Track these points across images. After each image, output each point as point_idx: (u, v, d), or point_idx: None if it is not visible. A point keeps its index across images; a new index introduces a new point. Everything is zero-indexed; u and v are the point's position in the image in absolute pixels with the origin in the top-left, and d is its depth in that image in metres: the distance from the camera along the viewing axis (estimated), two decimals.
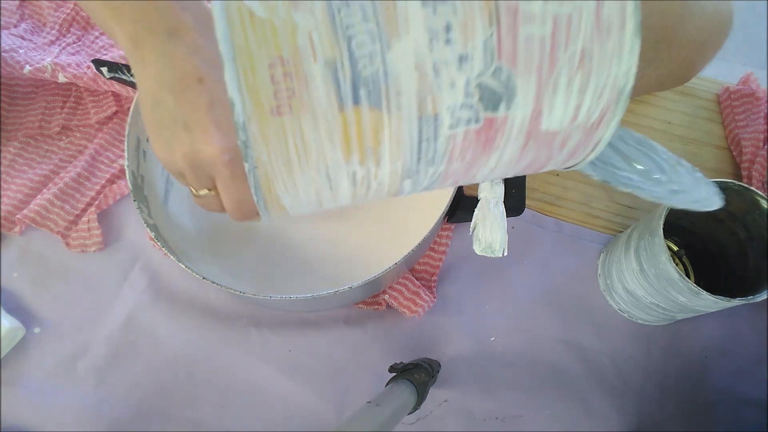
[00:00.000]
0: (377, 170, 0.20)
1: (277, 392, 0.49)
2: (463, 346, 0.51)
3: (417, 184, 0.21)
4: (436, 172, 0.20)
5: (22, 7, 0.61)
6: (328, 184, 0.20)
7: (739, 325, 0.51)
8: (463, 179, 0.22)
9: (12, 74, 0.55)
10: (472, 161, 0.20)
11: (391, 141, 0.19)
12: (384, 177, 0.20)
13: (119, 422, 0.48)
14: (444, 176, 0.21)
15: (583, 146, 0.22)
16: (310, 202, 0.21)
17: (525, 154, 0.21)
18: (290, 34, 0.16)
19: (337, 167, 0.19)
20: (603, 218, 0.56)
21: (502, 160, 0.21)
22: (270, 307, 0.51)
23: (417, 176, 0.20)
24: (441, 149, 0.19)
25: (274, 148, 0.18)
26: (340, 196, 0.21)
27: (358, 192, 0.21)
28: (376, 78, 0.17)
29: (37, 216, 0.52)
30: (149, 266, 0.53)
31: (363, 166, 0.19)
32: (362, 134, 0.18)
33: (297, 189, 0.20)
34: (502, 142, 0.20)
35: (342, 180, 0.20)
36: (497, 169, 0.22)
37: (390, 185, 0.21)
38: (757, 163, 0.55)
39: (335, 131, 0.18)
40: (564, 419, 0.49)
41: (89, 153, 0.55)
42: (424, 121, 0.18)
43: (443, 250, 0.53)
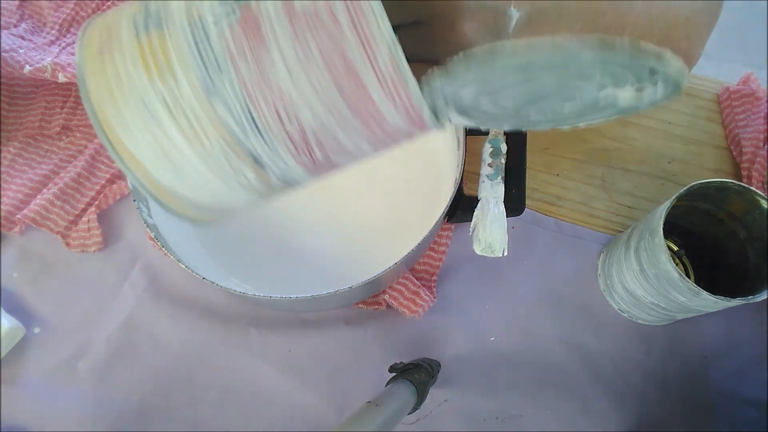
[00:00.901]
0: (178, 87, 0.22)
1: (277, 392, 0.49)
2: (463, 346, 0.51)
3: (232, 109, 0.22)
4: (233, 81, 0.21)
5: (22, 7, 0.61)
6: (148, 114, 0.23)
7: (739, 325, 0.51)
8: (282, 103, 0.22)
9: (12, 74, 0.55)
10: (256, 61, 0.21)
11: (175, 51, 0.22)
12: (189, 95, 0.22)
13: (119, 422, 0.48)
14: (247, 88, 0.22)
15: (357, 15, 0.21)
16: (151, 146, 0.23)
17: (307, 42, 0.21)
18: (116, 14, 0.24)
19: (145, 90, 0.22)
20: (603, 218, 0.56)
21: (288, 55, 0.21)
22: (270, 307, 0.51)
23: (220, 90, 0.22)
24: (217, 48, 0.21)
25: (98, 79, 0.23)
26: (171, 136, 0.23)
27: (182, 124, 0.22)
28: (158, 9, 0.23)
29: (37, 216, 0.52)
30: (149, 266, 0.53)
31: (165, 84, 0.22)
32: (153, 52, 0.22)
33: (126, 120, 0.23)
34: (269, 30, 0.21)
35: (157, 105, 0.22)
36: (301, 76, 0.21)
37: (205, 110, 0.22)
38: (757, 163, 0.55)
39: (135, 57, 0.22)
40: (564, 419, 0.49)
41: (89, 153, 0.55)
42: (193, 27, 0.22)
43: (443, 250, 0.53)
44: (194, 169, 0.24)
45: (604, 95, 0.22)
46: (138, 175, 0.24)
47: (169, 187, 0.24)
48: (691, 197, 0.45)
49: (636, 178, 0.57)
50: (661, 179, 0.57)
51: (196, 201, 0.26)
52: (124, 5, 0.25)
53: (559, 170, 0.57)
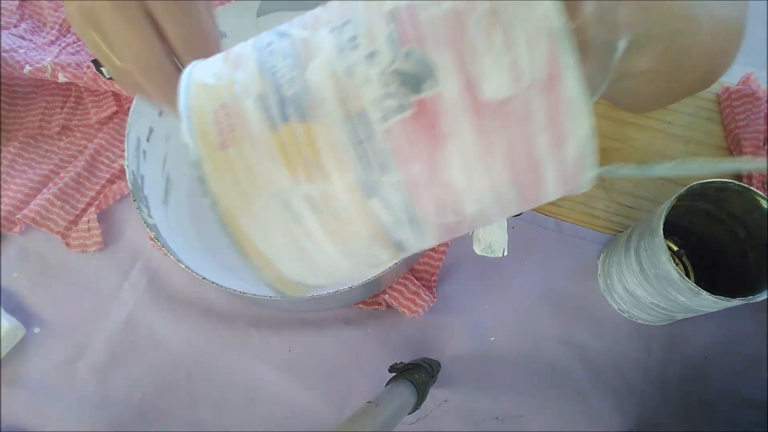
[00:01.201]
0: (329, 186, 0.19)
1: (277, 392, 0.49)
2: (463, 346, 0.51)
3: (391, 208, 0.20)
4: (398, 182, 0.19)
5: (22, 7, 0.61)
6: (289, 214, 0.20)
7: (739, 325, 0.51)
8: (450, 199, 0.20)
9: (12, 74, 0.55)
10: (429, 158, 0.19)
11: (329, 148, 0.19)
12: (342, 196, 0.19)
13: (119, 422, 0.48)
14: (412, 188, 0.19)
15: (555, 112, 0.19)
16: (287, 245, 0.21)
17: (492, 140, 0.19)
18: (229, 86, 0.20)
19: (288, 189, 0.19)
20: (603, 218, 0.56)
21: (469, 153, 0.19)
22: (270, 307, 0.51)
23: (380, 191, 0.19)
24: (382, 147, 0.19)
25: (226, 179, 0.20)
26: (315, 236, 0.21)
27: (329, 225, 0.20)
28: (298, 95, 0.19)
29: (37, 216, 0.52)
30: (149, 266, 0.53)
31: (314, 184, 0.19)
32: (298, 147, 0.19)
33: (261, 222, 0.20)
34: (448, 125, 0.18)
35: (300, 206, 0.20)
36: (478, 174, 0.19)
37: (359, 211, 0.20)
38: None
39: (273, 151, 0.19)
40: (564, 419, 0.49)
41: (89, 153, 0.55)
42: (351, 121, 0.19)
43: (443, 250, 0.53)
44: (332, 262, 0.22)
45: None
46: (266, 273, 0.22)
47: (299, 281, 0.23)
48: (691, 197, 0.45)
49: (636, 178, 0.57)
50: (661, 179, 0.57)
51: (319, 284, 0.24)
52: (228, 68, 0.21)
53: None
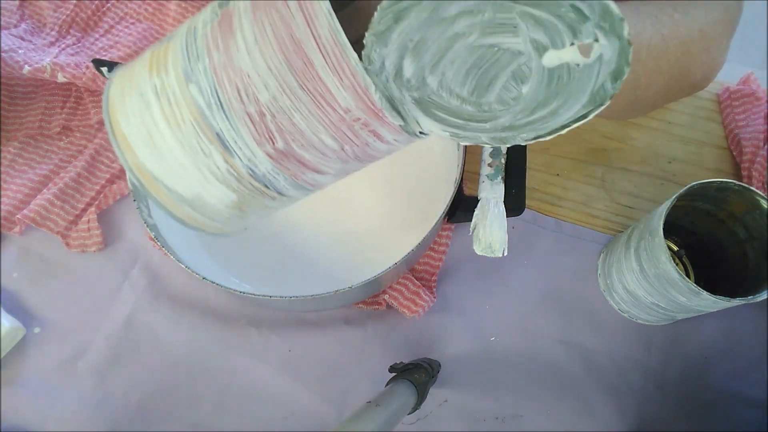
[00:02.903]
0: (167, 78, 0.26)
1: (277, 392, 0.49)
2: (463, 346, 0.51)
3: (203, 90, 0.25)
4: (206, 68, 0.25)
5: (22, 8, 0.61)
6: (142, 102, 0.26)
7: (739, 325, 0.51)
8: (243, 83, 0.25)
9: (12, 74, 0.55)
10: (225, 48, 0.25)
11: (172, 53, 0.26)
12: (173, 83, 0.26)
13: (119, 422, 0.48)
14: (216, 72, 0.25)
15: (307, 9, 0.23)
16: (140, 129, 0.27)
17: (263, 26, 0.24)
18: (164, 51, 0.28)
19: (144, 83, 0.26)
20: (603, 218, 0.56)
21: (248, 40, 0.24)
22: (270, 307, 0.51)
23: (195, 77, 0.25)
24: (200, 45, 0.25)
25: (117, 84, 0.28)
26: (155, 119, 0.26)
27: (164, 108, 0.26)
28: (173, 33, 0.28)
29: (37, 216, 0.52)
30: (149, 266, 0.53)
31: (159, 77, 0.26)
32: (158, 57, 0.27)
33: (126, 110, 0.27)
34: (237, 22, 0.24)
35: (149, 94, 0.26)
36: (258, 57, 0.24)
37: (183, 93, 0.25)
38: (757, 163, 0.55)
39: (146, 62, 0.27)
40: (564, 419, 0.49)
41: (89, 153, 0.55)
42: (188, 35, 0.26)
43: (443, 250, 0.53)
44: (173, 153, 0.27)
45: (550, 63, 0.23)
46: (128, 158, 0.27)
47: (152, 172, 0.27)
48: (691, 197, 0.45)
49: (636, 178, 0.57)
50: (661, 179, 0.57)
51: (177, 192, 0.28)
52: None
53: (559, 170, 0.57)
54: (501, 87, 0.24)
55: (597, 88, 0.23)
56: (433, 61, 0.24)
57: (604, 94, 0.22)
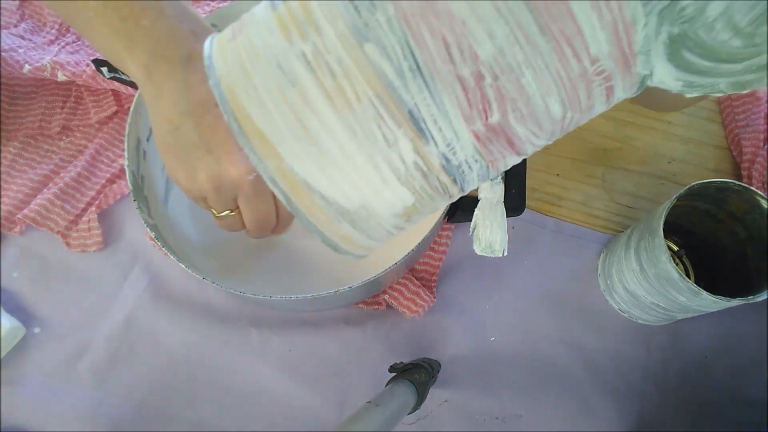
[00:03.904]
0: (322, 39, 0.18)
1: (277, 392, 0.49)
2: (463, 346, 0.51)
3: (388, 50, 0.18)
4: (390, 18, 0.18)
5: (22, 7, 0.61)
6: (285, 79, 0.19)
7: (739, 325, 0.51)
8: (455, 32, 0.18)
9: (12, 74, 0.55)
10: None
11: (320, 5, 0.19)
12: (336, 46, 0.18)
13: (119, 422, 0.48)
14: (406, 22, 0.17)
15: None
16: (287, 118, 0.19)
17: None
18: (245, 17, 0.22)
19: (284, 53, 0.19)
20: (603, 218, 0.56)
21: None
22: (270, 307, 0.51)
23: (374, 32, 0.18)
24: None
25: (229, 60, 0.20)
26: (312, 100, 0.19)
27: (326, 83, 0.19)
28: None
29: (37, 216, 0.52)
30: (149, 266, 0.53)
31: (307, 41, 0.19)
32: (293, 14, 0.19)
33: (259, 92, 0.20)
34: None
35: (296, 66, 0.19)
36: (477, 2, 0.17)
37: (356, 61, 0.18)
38: (757, 163, 0.55)
39: (272, 24, 0.20)
40: (564, 419, 0.49)
41: (89, 153, 0.55)
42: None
43: (443, 250, 0.53)
44: (338, 146, 0.20)
45: None
46: (269, 164, 0.20)
47: (305, 178, 0.20)
48: (691, 197, 0.45)
49: (636, 178, 0.57)
50: (661, 179, 0.57)
51: (338, 203, 0.21)
52: None
53: (559, 170, 0.57)
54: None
55: None
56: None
57: None
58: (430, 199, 0.22)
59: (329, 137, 0.19)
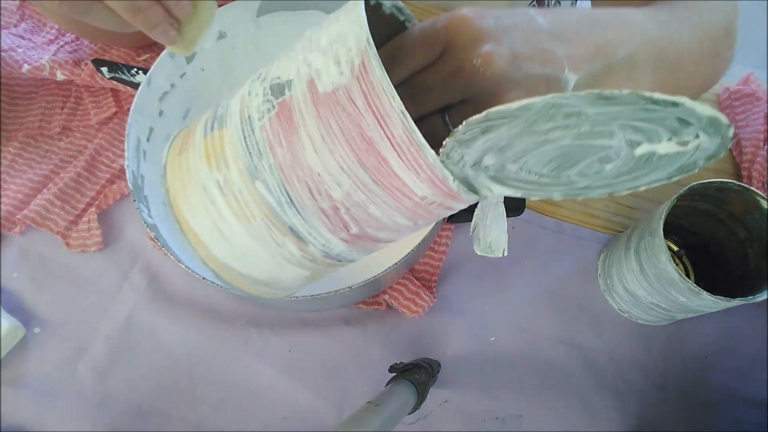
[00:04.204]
0: (229, 173, 0.25)
1: (277, 392, 0.49)
2: (463, 346, 0.51)
3: (271, 189, 0.25)
4: (271, 165, 0.24)
5: (23, 7, 0.61)
6: (207, 197, 0.26)
7: (739, 325, 0.51)
8: (314, 180, 0.24)
9: (11, 74, 0.55)
10: (289, 145, 0.24)
11: (229, 144, 0.25)
12: (237, 179, 0.25)
13: (119, 422, 0.48)
14: (283, 171, 0.24)
15: (371, 94, 0.22)
16: (209, 225, 0.26)
17: (329, 123, 0.23)
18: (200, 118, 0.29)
19: (205, 177, 0.26)
20: (603, 218, 0.56)
21: (314, 137, 0.23)
22: (270, 307, 0.51)
23: (261, 174, 0.24)
24: (260, 138, 0.24)
25: (175, 174, 0.27)
26: (224, 215, 0.26)
27: (232, 205, 0.26)
28: (223, 112, 0.27)
29: (37, 216, 0.52)
30: (149, 266, 0.53)
31: (220, 171, 0.26)
32: (214, 146, 0.26)
33: (191, 204, 0.26)
34: (299, 118, 0.24)
35: (213, 189, 0.26)
36: (327, 155, 0.23)
37: (249, 192, 0.25)
38: (757, 163, 0.55)
39: (202, 151, 0.26)
40: (564, 419, 0.49)
41: (89, 153, 0.55)
42: (243, 124, 0.25)
43: (443, 250, 0.53)
44: (245, 245, 0.26)
45: (641, 152, 0.21)
46: (200, 253, 0.27)
47: (225, 263, 0.27)
48: (692, 197, 0.45)
49: None
50: None
51: (252, 277, 0.28)
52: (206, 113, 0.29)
53: None
54: (584, 166, 0.23)
55: (688, 163, 0.21)
56: (516, 156, 0.23)
57: (693, 166, 0.21)
58: (327, 269, 0.29)
59: (238, 239, 0.26)
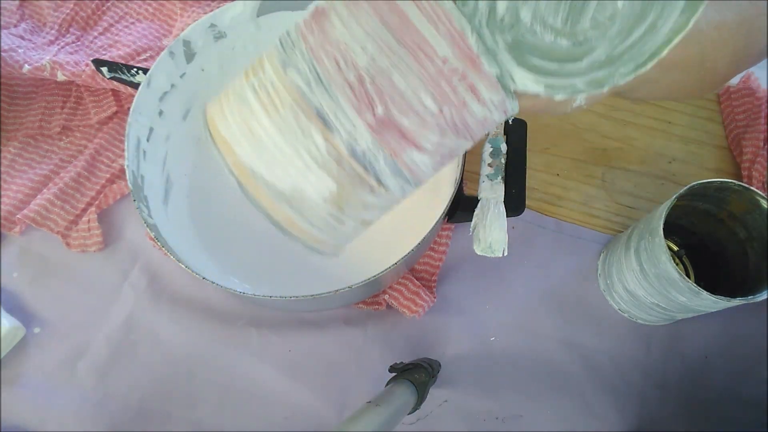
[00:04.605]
0: (264, 73, 0.26)
1: (277, 392, 0.49)
2: (463, 346, 0.51)
3: (301, 71, 0.26)
4: (302, 50, 0.25)
5: (22, 7, 0.61)
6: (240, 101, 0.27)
7: (739, 325, 0.51)
8: (340, 51, 0.25)
9: (12, 74, 0.55)
10: (319, 28, 0.25)
11: (267, 55, 0.27)
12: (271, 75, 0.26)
13: (119, 422, 0.48)
14: (311, 51, 0.25)
15: None
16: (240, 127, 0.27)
17: (358, 1, 0.24)
18: None
19: (241, 86, 0.27)
20: (603, 218, 0.56)
21: (342, 14, 0.25)
22: (270, 307, 0.51)
23: (293, 61, 0.26)
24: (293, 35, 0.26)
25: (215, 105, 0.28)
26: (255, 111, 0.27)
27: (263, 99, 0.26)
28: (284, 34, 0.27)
29: (37, 216, 0.52)
30: (149, 266, 0.53)
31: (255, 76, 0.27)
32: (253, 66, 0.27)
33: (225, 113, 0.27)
34: (329, 6, 0.25)
35: (247, 93, 0.27)
36: (354, 25, 0.25)
37: (281, 80, 0.26)
38: (758, 163, 0.55)
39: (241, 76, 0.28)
40: (564, 419, 0.49)
41: (89, 153, 0.55)
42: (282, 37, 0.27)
43: (443, 250, 0.53)
44: (272, 141, 0.27)
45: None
46: (228, 160, 0.28)
47: (251, 167, 0.28)
48: (691, 197, 0.45)
49: (636, 178, 0.57)
50: (661, 179, 0.57)
51: (276, 187, 0.28)
52: None
53: (559, 170, 0.57)
54: (595, 6, 0.23)
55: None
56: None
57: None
58: (352, 187, 0.28)
59: (266, 135, 0.27)
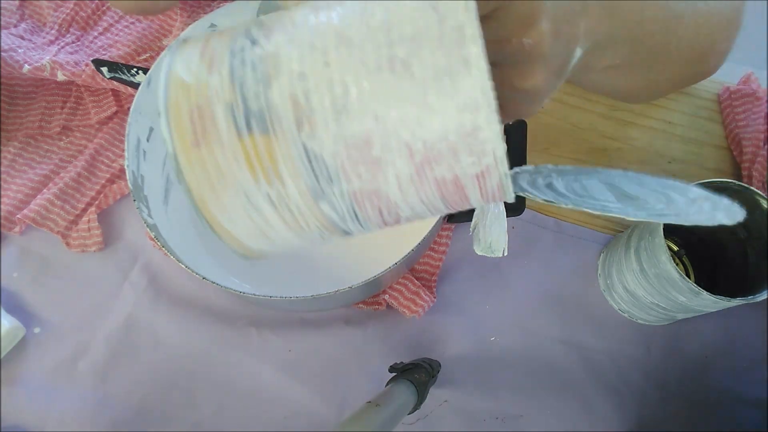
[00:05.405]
0: (285, 190, 0.23)
1: (277, 392, 0.49)
2: (463, 346, 0.51)
3: (337, 209, 0.23)
4: (343, 192, 0.22)
5: (23, 7, 0.61)
6: (252, 207, 0.23)
7: (739, 325, 0.51)
8: (388, 206, 0.24)
9: (12, 74, 0.55)
10: (372, 179, 0.22)
11: (284, 159, 0.22)
12: (296, 198, 0.23)
13: (119, 422, 0.48)
14: (355, 197, 0.23)
15: (475, 149, 0.22)
16: (249, 228, 0.24)
17: (425, 174, 0.22)
18: (204, 88, 0.22)
19: (250, 188, 0.23)
20: (603, 218, 0.56)
21: (403, 178, 0.22)
22: (270, 307, 0.51)
23: (328, 198, 0.23)
24: (331, 164, 0.22)
25: (197, 172, 0.23)
26: (273, 224, 0.24)
27: (285, 217, 0.24)
28: (262, 110, 0.22)
29: (37, 216, 0.52)
30: (149, 266, 0.53)
31: (272, 187, 0.23)
32: (259, 156, 0.22)
33: (227, 210, 0.23)
34: (385, 154, 0.22)
35: (261, 202, 0.23)
36: (412, 192, 0.23)
37: (310, 209, 0.23)
38: (758, 163, 0.55)
39: (239, 156, 0.22)
40: (564, 419, 0.49)
41: (89, 153, 0.55)
42: (304, 141, 0.22)
43: (443, 250, 0.53)
44: (287, 243, 0.26)
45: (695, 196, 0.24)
46: (232, 245, 0.26)
47: (256, 249, 0.26)
48: None
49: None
50: None
51: (272, 253, 0.27)
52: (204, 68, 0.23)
53: None
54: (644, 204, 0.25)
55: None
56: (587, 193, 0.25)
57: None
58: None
59: (281, 239, 0.25)
